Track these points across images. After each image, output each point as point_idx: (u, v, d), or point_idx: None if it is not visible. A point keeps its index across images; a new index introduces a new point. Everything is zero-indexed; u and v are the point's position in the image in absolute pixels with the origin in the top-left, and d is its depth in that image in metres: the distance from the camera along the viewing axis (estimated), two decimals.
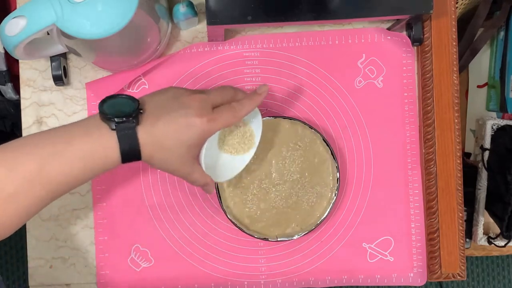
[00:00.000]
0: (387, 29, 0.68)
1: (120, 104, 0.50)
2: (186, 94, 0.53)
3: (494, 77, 0.91)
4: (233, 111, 0.54)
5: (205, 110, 0.52)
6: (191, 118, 0.51)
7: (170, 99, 0.52)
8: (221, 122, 0.53)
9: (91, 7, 0.51)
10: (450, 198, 0.65)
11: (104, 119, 0.49)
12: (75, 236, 0.68)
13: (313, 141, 0.66)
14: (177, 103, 0.51)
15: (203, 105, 0.52)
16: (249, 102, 0.55)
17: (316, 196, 0.66)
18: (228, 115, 0.53)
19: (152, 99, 0.52)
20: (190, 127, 0.51)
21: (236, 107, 0.54)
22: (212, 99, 0.53)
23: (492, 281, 1.53)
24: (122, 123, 0.49)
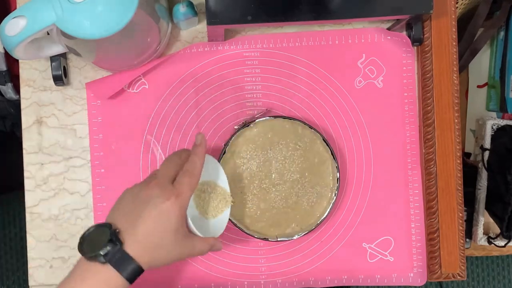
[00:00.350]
0: (387, 29, 0.68)
1: (95, 235, 0.51)
2: (142, 188, 0.53)
3: (494, 77, 0.91)
4: (188, 174, 0.54)
5: (166, 190, 0.52)
6: (160, 206, 0.51)
7: (132, 202, 0.53)
8: (187, 190, 0.53)
9: (91, 7, 0.51)
10: (450, 198, 0.65)
11: (91, 259, 0.50)
12: (75, 236, 0.68)
13: (313, 141, 0.66)
14: (140, 202, 0.52)
15: (162, 187, 0.52)
16: (196, 157, 0.55)
17: (316, 196, 0.66)
18: (188, 180, 0.53)
19: (118, 213, 0.53)
20: (164, 214, 0.51)
21: (189, 169, 0.54)
22: (165, 177, 0.53)
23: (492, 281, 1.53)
24: (108, 252, 0.49)
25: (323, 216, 0.65)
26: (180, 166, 0.55)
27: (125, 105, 0.68)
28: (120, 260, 0.49)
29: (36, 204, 0.68)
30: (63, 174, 0.68)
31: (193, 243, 0.54)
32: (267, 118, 0.65)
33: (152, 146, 0.68)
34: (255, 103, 0.68)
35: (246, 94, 0.68)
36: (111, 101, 0.68)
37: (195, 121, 0.68)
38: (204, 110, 0.68)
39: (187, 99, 0.68)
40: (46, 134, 0.68)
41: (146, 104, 0.68)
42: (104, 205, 0.67)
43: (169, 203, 0.51)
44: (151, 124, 0.68)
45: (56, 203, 0.68)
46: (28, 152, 0.68)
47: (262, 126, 0.65)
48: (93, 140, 0.68)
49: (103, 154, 0.68)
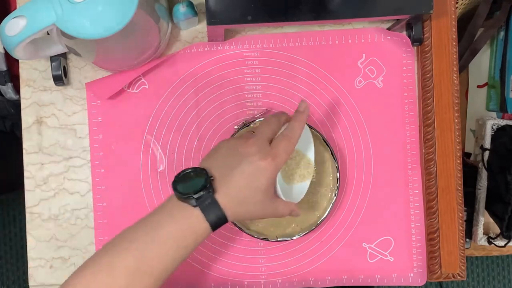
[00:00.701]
0: (387, 29, 0.68)
1: (189, 179, 0.52)
2: (240, 144, 0.54)
3: (494, 77, 0.91)
4: (287, 138, 0.54)
5: (264, 150, 0.52)
6: (256, 164, 0.52)
7: (229, 155, 0.54)
8: (283, 154, 0.53)
9: (91, 7, 0.51)
10: (450, 198, 0.65)
11: (183, 199, 0.51)
12: (75, 236, 0.68)
13: (314, 142, 0.66)
14: (237, 156, 0.53)
15: (260, 147, 0.53)
16: (297, 124, 0.56)
17: (316, 196, 0.66)
18: (286, 145, 0.54)
19: (214, 162, 0.54)
20: (259, 173, 0.52)
21: (288, 134, 0.55)
22: (264, 137, 0.54)
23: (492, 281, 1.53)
24: (201, 197, 0.51)
25: (323, 216, 0.65)
26: (279, 128, 0.56)
27: (125, 105, 0.68)
28: (209, 207, 0.51)
29: (36, 204, 0.68)
30: (63, 174, 0.68)
31: (276, 205, 0.55)
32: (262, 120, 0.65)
33: (152, 146, 0.68)
34: (255, 103, 0.68)
35: (246, 94, 0.68)
36: (111, 101, 0.68)
37: (195, 121, 0.68)
38: (204, 110, 0.68)
39: (187, 99, 0.68)
40: (46, 134, 0.68)
41: (146, 104, 0.68)
42: (104, 205, 0.67)
43: (265, 163, 0.51)
44: (151, 124, 0.68)
45: (56, 203, 0.68)
46: (28, 152, 0.68)
47: None
48: (93, 140, 0.68)
49: (103, 154, 0.68)
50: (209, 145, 0.68)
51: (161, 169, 0.68)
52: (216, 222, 0.52)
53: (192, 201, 0.51)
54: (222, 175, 0.52)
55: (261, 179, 0.52)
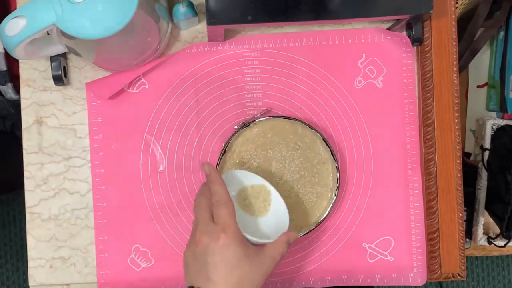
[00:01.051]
0: (387, 29, 0.68)
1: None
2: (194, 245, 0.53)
3: (494, 77, 0.91)
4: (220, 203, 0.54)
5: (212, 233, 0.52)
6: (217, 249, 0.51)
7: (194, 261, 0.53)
8: (228, 218, 0.53)
9: (91, 7, 0.51)
10: (450, 198, 0.65)
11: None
12: (75, 236, 0.68)
13: (313, 141, 0.66)
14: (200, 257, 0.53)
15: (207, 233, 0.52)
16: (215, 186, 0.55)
17: (316, 196, 0.66)
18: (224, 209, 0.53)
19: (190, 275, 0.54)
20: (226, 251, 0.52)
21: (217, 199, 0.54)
22: (203, 220, 0.54)
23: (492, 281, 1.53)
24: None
25: (323, 216, 0.65)
26: (209, 203, 0.55)
27: (125, 105, 0.68)
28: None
29: (36, 204, 0.68)
30: (63, 174, 0.68)
31: (268, 253, 0.54)
32: (267, 118, 0.65)
33: (152, 146, 0.68)
34: (255, 103, 0.68)
35: (246, 94, 0.68)
36: (111, 101, 0.68)
37: (195, 121, 0.68)
38: (204, 110, 0.68)
39: (187, 99, 0.68)
40: (46, 134, 0.68)
41: (146, 104, 0.68)
42: (104, 205, 0.67)
43: (222, 241, 0.52)
44: (151, 124, 0.68)
45: (56, 203, 0.68)
46: (28, 152, 0.68)
47: (262, 126, 0.65)
48: (93, 140, 0.68)
49: (103, 154, 0.68)
50: (209, 145, 0.68)
51: (161, 169, 0.68)
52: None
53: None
54: (204, 279, 0.52)
55: (233, 253, 0.52)
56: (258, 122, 0.65)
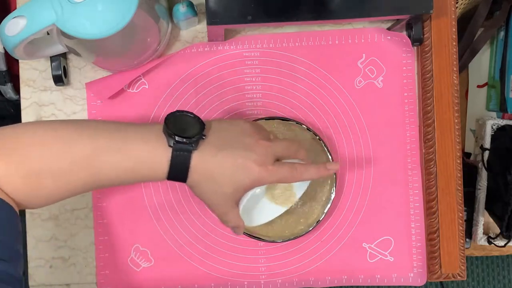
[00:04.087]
0: (387, 29, 0.68)
1: (186, 122, 0.51)
2: (254, 137, 0.52)
3: (494, 77, 0.91)
4: (294, 172, 0.53)
5: (266, 159, 0.51)
6: (250, 162, 0.51)
7: (237, 135, 0.52)
8: (278, 177, 0.52)
9: (91, 7, 0.51)
10: (450, 198, 0.65)
11: (166, 132, 0.50)
12: (75, 236, 0.68)
13: (311, 142, 0.66)
14: (242, 143, 0.51)
15: (266, 153, 0.52)
16: (315, 171, 0.54)
17: (315, 196, 0.66)
18: (287, 174, 0.53)
19: (220, 128, 0.52)
20: (246, 171, 0.51)
21: (298, 170, 0.53)
22: (277, 150, 0.53)
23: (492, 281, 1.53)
24: (181, 143, 0.49)
25: (322, 216, 0.65)
26: (293, 156, 0.55)
27: (125, 105, 0.68)
28: (181, 158, 0.49)
29: None
30: None
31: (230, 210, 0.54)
32: (265, 120, 0.65)
33: None
34: (255, 103, 0.68)
35: (246, 94, 0.68)
36: (111, 101, 0.68)
37: None
38: (204, 110, 0.68)
39: (187, 99, 0.68)
40: None
41: (146, 104, 0.68)
42: (104, 205, 0.67)
43: (258, 169, 0.51)
44: None
45: (56, 203, 0.68)
46: None
47: None
48: None
49: None
50: None
51: None
52: (176, 174, 0.50)
53: (171, 140, 0.49)
54: (215, 144, 0.51)
55: (243, 178, 0.51)
56: None
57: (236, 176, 0.51)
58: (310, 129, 0.65)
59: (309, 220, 0.66)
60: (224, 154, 0.50)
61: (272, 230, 0.66)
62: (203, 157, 0.50)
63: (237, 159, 0.50)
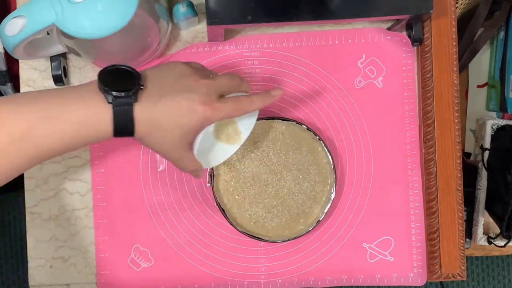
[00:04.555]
0: (387, 29, 0.68)
1: (121, 74, 0.48)
2: (193, 77, 0.51)
3: (494, 77, 0.91)
4: (239, 104, 0.52)
5: (210, 97, 0.50)
6: (194, 103, 0.49)
7: (176, 78, 0.51)
8: (224, 112, 0.51)
9: (91, 7, 0.51)
10: (450, 198, 0.65)
11: (102, 90, 0.48)
12: (75, 236, 0.68)
13: (311, 142, 0.66)
14: (182, 85, 0.50)
15: (209, 92, 0.50)
16: (258, 100, 0.54)
17: (315, 196, 0.66)
18: (233, 107, 0.52)
19: (157, 76, 0.51)
20: (191, 113, 0.49)
21: (243, 102, 0.53)
22: (219, 86, 0.52)
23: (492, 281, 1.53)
24: (120, 98, 0.47)
25: (322, 216, 0.65)
26: (235, 89, 0.54)
27: None
28: (122, 112, 0.48)
29: (36, 204, 0.68)
30: (63, 174, 0.68)
31: (185, 155, 0.53)
32: (263, 120, 0.65)
33: None
34: None
35: None
36: None
37: None
38: None
39: None
40: None
41: None
42: (104, 205, 0.67)
43: (202, 108, 0.49)
44: None
45: (56, 203, 0.68)
46: None
47: (258, 128, 0.65)
48: None
49: (103, 154, 0.68)
50: None
51: (161, 169, 0.68)
52: (121, 129, 0.48)
53: (109, 97, 0.47)
54: (155, 92, 0.49)
55: (190, 119, 0.49)
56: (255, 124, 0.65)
57: (182, 120, 0.49)
58: (310, 129, 0.65)
59: (309, 220, 0.66)
60: (166, 100, 0.49)
61: (272, 230, 0.66)
62: (145, 108, 0.48)
63: (180, 102, 0.49)
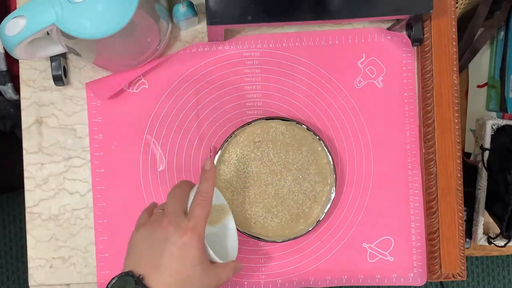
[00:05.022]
0: (387, 29, 0.68)
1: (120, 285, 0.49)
2: (155, 230, 0.52)
3: (494, 77, 0.91)
4: (201, 203, 0.53)
5: (182, 224, 0.51)
6: (179, 242, 0.50)
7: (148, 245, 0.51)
8: (201, 220, 0.52)
9: (91, 7, 0.51)
10: (450, 198, 0.65)
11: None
12: (75, 236, 0.68)
13: (311, 142, 0.66)
14: (157, 243, 0.51)
15: (176, 224, 0.51)
16: (207, 184, 0.54)
17: (315, 196, 0.66)
18: (201, 210, 0.52)
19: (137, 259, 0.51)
20: (187, 249, 0.50)
21: (200, 198, 0.53)
22: (176, 212, 0.52)
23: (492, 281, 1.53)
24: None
25: (322, 215, 0.65)
26: (186, 197, 0.55)
27: (125, 105, 0.68)
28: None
29: (36, 204, 0.68)
30: (63, 174, 0.68)
31: (217, 271, 0.54)
32: (263, 120, 0.65)
33: (152, 146, 0.68)
34: (255, 103, 0.68)
35: (246, 94, 0.68)
36: (111, 101, 0.68)
37: (195, 121, 0.68)
38: (204, 110, 0.68)
39: (187, 99, 0.68)
40: (46, 134, 0.68)
41: (146, 104, 0.68)
42: (104, 205, 0.67)
43: (187, 237, 0.50)
44: (151, 124, 0.68)
45: (56, 203, 0.68)
46: (28, 152, 0.68)
47: (258, 128, 0.65)
48: (93, 140, 0.68)
49: (103, 154, 0.68)
50: (209, 145, 0.68)
51: (161, 169, 0.68)
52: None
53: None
54: (152, 268, 0.50)
55: (192, 253, 0.50)
56: (254, 123, 0.65)
57: (188, 261, 0.50)
58: (310, 129, 0.65)
59: (309, 220, 0.66)
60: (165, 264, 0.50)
61: (272, 230, 0.66)
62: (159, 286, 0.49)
63: (173, 254, 0.50)
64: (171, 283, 0.50)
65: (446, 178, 0.65)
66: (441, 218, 0.66)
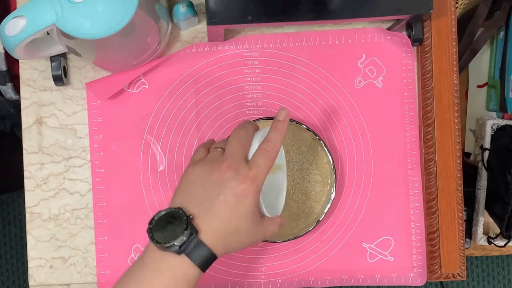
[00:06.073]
0: (387, 29, 0.68)
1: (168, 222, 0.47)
2: (212, 170, 0.49)
3: (494, 77, 0.91)
4: (267, 154, 0.49)
5: (242, 172, 0.48)
6: (237, 189, 0.47)
7: (204, 186, 0.49)
8: (263, 172, 0.49)
9: (91, 7, 0.51)
10: (450, 198, 0.65)
11: (164, 248, 0.47)
12: (75, 236, 0.68)
13: (311, 142, 0.66)
14: (214, 186, 0.48)
15: (236, 169, 0.48)
16: (277, 135, 0.51)
17: (315, 196, 0.66)
18: (266, 161, 0.49)
19: (189, 197, 0.49)
20: (242, 198, 0.48)
21: (267, 149, 0.50)
22: (238, 156, 0.49)
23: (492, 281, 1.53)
24: (184, 243, 0.46)
25: (322, 216, 0.65)
26: (250, 141, 0.51)
27: (125, 105, 0.68)
28: (196, 250, 0.46)
29: (36, 204, 0.68)
30: (63, 174, 0.68)
31: (265, 226, 0.51)
32: (263, 121, 0.65)
33: (152, 146, 0.68)
34: (255, 103, 0.68)
35: (246, 94, 0.68)
36: (111, 101, 0.68)
37: (195, 121, 0.68)
38: (204, 110, 0.68)
39: (187, 99, 0.68)
40: (46, 134, 0.68)
41: (146, 104, 0.68)
42: (104, 205, 0.67)
43: (245, 187, 0.47)
44: (151, 124, 0.68)
45: (56, 203, 0.68)
46: (28, 152, 0.68)
47: None
48: (93, 140, 0.68)
49: (103, 154, 0.68)
50: None
51: (161, 169, 0.68)
52: (206, 263, 0.47)
53: (175, 248, 0.46)
54: (203, 210, 0.48)
55: (245, 204, 0.48)
56: None
57: (241, 211, 0.48)
58: (310, 129, 0.65)
59: (309, 220, 0.66)
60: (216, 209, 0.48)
61: None
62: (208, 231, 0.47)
63: (227, 200, 0.47)
64: (221, 231, 0.47)
65: (446, 178, 0.65)
66: (441, 218, 0.66)
